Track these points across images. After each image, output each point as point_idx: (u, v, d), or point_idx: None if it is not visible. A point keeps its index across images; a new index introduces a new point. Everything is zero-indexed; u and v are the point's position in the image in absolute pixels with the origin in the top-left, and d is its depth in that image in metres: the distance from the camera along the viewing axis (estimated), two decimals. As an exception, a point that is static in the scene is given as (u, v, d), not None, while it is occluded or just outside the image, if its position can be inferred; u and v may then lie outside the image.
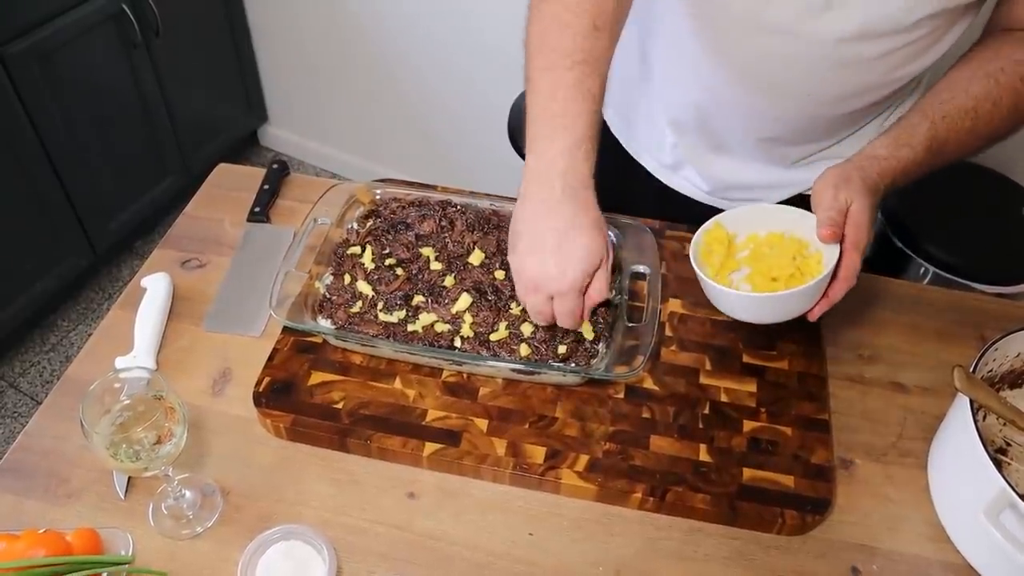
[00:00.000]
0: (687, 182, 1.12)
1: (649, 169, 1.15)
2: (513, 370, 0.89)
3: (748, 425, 0.89)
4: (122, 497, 0.83)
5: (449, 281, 0.95)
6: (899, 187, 0.85)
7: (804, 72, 0.89)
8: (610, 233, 1.00)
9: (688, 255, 0.87)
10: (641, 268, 0.96)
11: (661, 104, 1.07)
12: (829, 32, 0.83)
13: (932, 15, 0.81)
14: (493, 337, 0.90)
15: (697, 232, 0.90)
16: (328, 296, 0.94)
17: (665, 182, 1.14)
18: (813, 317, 0.84)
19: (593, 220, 0.78)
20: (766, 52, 0.88)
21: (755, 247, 0.90)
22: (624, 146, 1.16)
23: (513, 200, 1.06)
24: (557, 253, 0.77)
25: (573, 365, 0.88)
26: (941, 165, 0.87)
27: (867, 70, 0.87)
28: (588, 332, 0.90)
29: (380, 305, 0.93)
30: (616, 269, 0.97)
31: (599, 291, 0.80)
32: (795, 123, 0.97)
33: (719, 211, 0.91)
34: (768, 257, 0.88)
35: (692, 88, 1.00)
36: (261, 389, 0.89)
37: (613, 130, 1.17)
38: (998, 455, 0.89)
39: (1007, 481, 0.72)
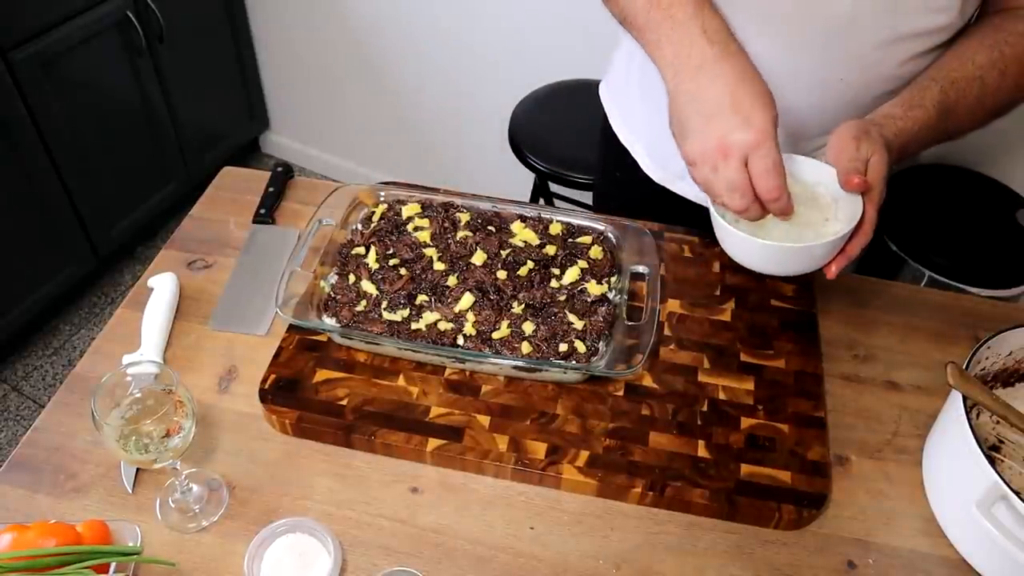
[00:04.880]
0: (692, 187, 1.13)
1: (656, 179, 1.13)
2: (515, 367, 0.91)
3: (746, 422, 0.90)
4: (130, 491, 0.84)
5: (452, 281, 0.96)
6: (911, 154, 0.83)
7: (811, 61, 0.87)
8: (610, 235, 1.02)
9: (687, 255, 0.86)
10: (641, 269, 0.98)
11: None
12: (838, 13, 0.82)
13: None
14: (495, 335, 0.91)
15: None
16: (333, 295, 0.96)
17: (671, 188, 1.12)
18: (831, 275, 0.80)
19: (755, 68, 0.75)
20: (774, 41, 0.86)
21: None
22: (635, 158, 1.16)
23: (514, 202, 1.08)
24: (737, 107, 0.73)
25: (574, 363, 0.89)
26: (952, 134, 0.85)
27: (877, 61, 0.86)
28: (582, 347, 0.91)
29: (384, 304, 0.94)
30: (616, 269, 0.99)
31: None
32: (802, 117, 0.94)
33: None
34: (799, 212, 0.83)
35: None
36: (267, 386, 0.91)
37: (624, 143, 1.17)
38: (992, 452, 0.90)
39: (999, 475, 0.74)
